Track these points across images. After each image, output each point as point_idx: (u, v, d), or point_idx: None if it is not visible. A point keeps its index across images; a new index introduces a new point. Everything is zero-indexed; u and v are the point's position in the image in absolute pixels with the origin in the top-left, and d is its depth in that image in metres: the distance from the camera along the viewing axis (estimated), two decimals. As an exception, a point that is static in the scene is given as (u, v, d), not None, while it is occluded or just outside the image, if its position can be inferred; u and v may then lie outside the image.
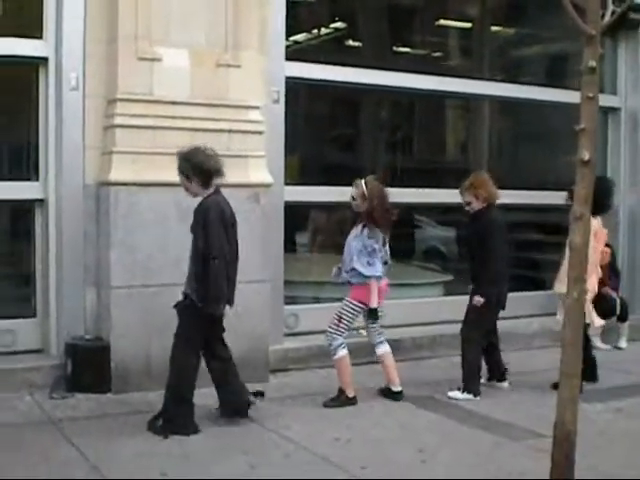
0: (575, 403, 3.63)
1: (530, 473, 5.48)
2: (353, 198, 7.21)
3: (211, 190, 6.33)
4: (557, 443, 3.69)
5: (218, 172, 6.32)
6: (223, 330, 6.54)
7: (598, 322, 7.90)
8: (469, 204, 7.69)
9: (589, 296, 7.59)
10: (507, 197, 8.82)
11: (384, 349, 7.50)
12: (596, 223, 7.72)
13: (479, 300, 7.46)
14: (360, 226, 7.22)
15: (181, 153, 6.35)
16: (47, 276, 7.71)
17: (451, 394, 7.48)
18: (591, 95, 3.55)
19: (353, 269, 7.15)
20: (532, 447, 6.10)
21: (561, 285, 7.80)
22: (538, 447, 6.05)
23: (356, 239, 7.20)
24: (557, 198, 8.24)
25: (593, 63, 3.49)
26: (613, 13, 3.59)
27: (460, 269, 10.03)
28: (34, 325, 7.79)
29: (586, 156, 3.51)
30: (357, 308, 7.21)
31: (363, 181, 7.23)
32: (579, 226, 3.54)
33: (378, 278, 7.21)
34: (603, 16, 3.60)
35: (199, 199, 6.36)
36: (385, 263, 7.36)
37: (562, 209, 8.35)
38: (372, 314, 7.24)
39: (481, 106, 12.58)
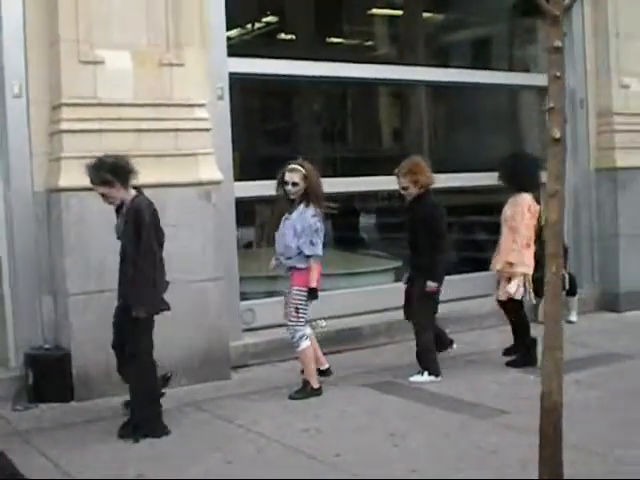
0: (560, 374, 3.73)
1: (503, 450, 5.60)
2: (293, 184, 7.18)
3: (133, 192, 6.25)
4: (545, 416, 3.77)
5: (135, 172, 6.26)
6: None
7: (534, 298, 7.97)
8: (406, 189, 7.69)
9: (524, 271, 7.83)
10: (444, 181, 8.97)
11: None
12: (529, 199, 7.92)
13: (433, 285, 7.53)
14: (301, 206, 7.20)
15: (93, 165, 6.22)
16: (1, 286, 7.60)
17: (413, 379, 7.54)
18: (558, 74, 3.63)
19: (299, 252, 7.15)
20: (499, 424, 6.24)
21: (496, 263, 7.99)
22: (505, 424, 6.22)
23: (299, 220, 7.17)
24: (491, 179, 8.39)
25: (559, 43, 3.57)
26: (574, -7, 3.68)
27: (407, 255, 10.15)
28: (-9, 337, 7.69)
29: (557, 134, 3.60)
30: (308, 294, 7.23)
31: (298, 163, 7.28)
32: (553, 202, 3.63)
33: (320, 258, 7.23)
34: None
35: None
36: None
37: (495, 190, 8.57)
38: (312, 294, 7.23)
39: (414, 92, 12.72)
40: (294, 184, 7.17)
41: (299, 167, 7.21)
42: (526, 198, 7.89)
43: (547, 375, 3.69)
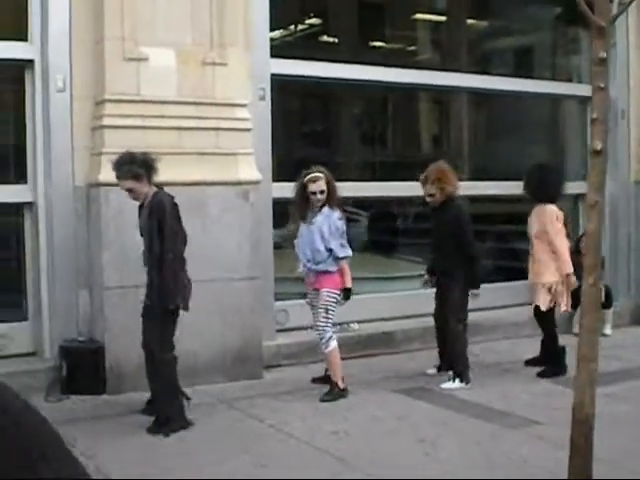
0: (593, 386, 3.71)
1: (533, 460, 5.58)
2: (321, 192, 7.19)
3: (154, 188, 6.34)
4: (576, 427, 3.76)
5: (157, 169, 6.36)
6: None
7: (565, 307, 8.04)
8: (433, 196, 7.72)
9: (550, 280, 7.84)
10: (483, 188, 8.94)
11: None
12: (555, 209, 7.94)
13: (477, 293, 7.59)
14: (325, 210, 7.22)
15: (124, 159, 6.33)
16: (39, 279, 7.69)
17: (444, 386, 7.53)
18: (602, 86, 3.61)
19: (329, 254, 7.18)
20: (531, 434, 6.21)
21: (534, 276, 7.94)
22: (537, 434, 6.19)
23: (325, 223, 7.20)
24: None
25: (603, 54, 3.56)
26: (620, 4, 3.66)
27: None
28: (27, 328, 7.78)
29: (598, 146, 3.58)
30: (337, 296, 7.29)
31: (318, 171, 7.32)
32: (593, 213, 3.62)
33: (349, 259, 7.33)
34: (611, 8, 3.67)
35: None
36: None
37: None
38: (347, 294, 7.36)
39: (455, 98, 12.69)
40: (322, 192, 7.21)
41: (321, 174, 7.25)
42: (552, 208, 7.89)
43: (580, 386, 3.68)
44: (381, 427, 6.46)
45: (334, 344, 7.25)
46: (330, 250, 7.19)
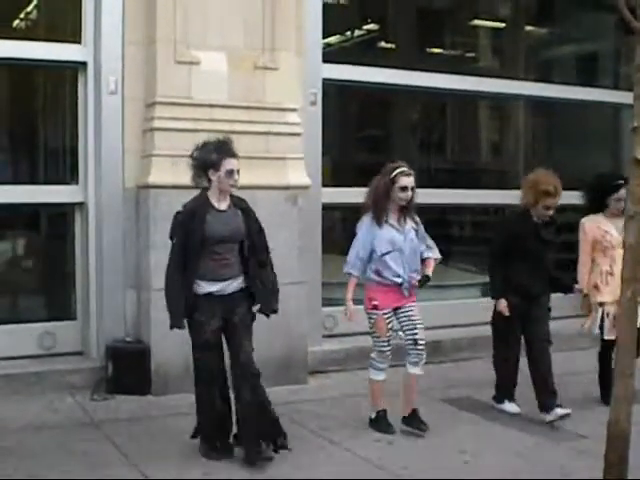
0: (629, 402, 3.62)
1: (576, 473, 5.47)
2: (412, 188, 6.46)
3: None
4: (611, 443, 3.67)
5: None
6: None
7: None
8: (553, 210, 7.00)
9: (597, 300, 7.30)
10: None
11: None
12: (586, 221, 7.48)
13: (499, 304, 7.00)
14: (409, 218, 6.60)
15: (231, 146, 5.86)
16: (87, 279, 7.78)
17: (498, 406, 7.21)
18: (644, 93, 3.53)
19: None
20: (575, 448, 6.09)
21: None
22: (581, 449, 6.07)
23: (414, 232, 6.59)
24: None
25: (646, 61, 3.47)
26: (666, 10, 3.57)
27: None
28: (75, 327, 7.87)
29: (639, 154, 3.50)
30: None
31: (406, 166, 6.54)
32: (632, 225, 3.53)
33: None
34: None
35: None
36: None
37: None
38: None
39: (514, 106, 12.53)
40: (413, 189, 6.47)
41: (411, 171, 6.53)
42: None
43: (616, 403, 3.59)
44: (424, 436, 6.40)
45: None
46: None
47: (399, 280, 6.48)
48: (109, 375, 7.40)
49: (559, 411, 6.73)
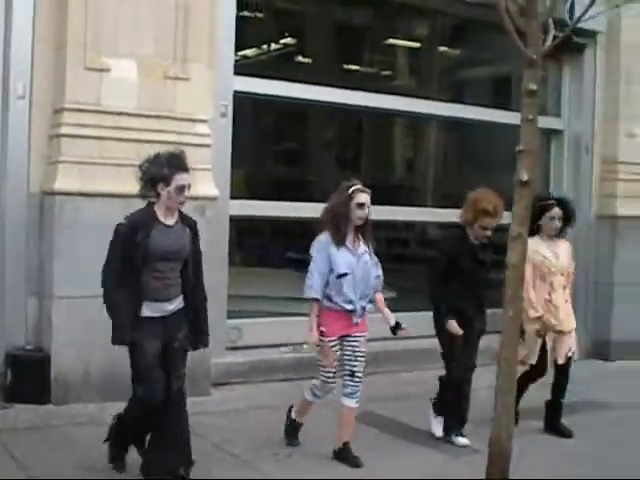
0: (510, 419, 3.70)
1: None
2: (368, 207, 6.15)
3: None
4: (493, 461, 3.75)
5: None
6: None
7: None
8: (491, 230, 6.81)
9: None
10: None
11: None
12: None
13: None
14: (359, 236, 6.24)
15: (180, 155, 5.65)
16: (-12, 285, 7.64)
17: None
18: (531, 117, 3.64)
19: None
20: (468, 462, 6.19)
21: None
22: (472, 463, 6.16)
23: (368, 255, 6.26)
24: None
25: (533, 86, 3.58)
26: (555, 38, 3.68)
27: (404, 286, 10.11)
28: (-25, 334, 7.71)
29: (524, 176, 3.60)
30: None
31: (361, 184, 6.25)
32: (516, 245, 3.63)
33: None
34: (545, 41, 3.69)
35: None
36: None
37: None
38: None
39: (427, 125, 12.73)
40: (368, 207, 6.14)
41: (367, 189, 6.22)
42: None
43: (497, 421, 3.66)
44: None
45: None
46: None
47: (350, 307, 6.11)
48: (7, 383, 7.27)
49: (461, 440, 6.76)
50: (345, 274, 6.06)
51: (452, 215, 7.81)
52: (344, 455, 6.22)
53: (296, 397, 6.73)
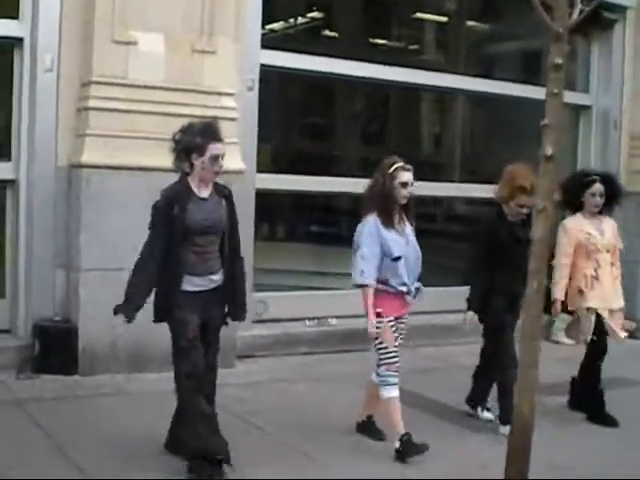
0: (533, 393, 3.72)
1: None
2: (412, 184, 5.91)
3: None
4: (514, 433, 3.78)
5: None
6: None
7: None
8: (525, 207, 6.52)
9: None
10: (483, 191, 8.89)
11: None
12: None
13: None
14: (406, 219, 6.02)
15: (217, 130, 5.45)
16: (17, 257, 7.72)
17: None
18: (556, 91, 3.62)
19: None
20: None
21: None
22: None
23: (413, 236, 6.04)
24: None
25: (559, 60, 3.56)
26: (581, 12, 3.67)
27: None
28: (2, 305, 7.80)
29: (549, 151, 3.59)
30: None
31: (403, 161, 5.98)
32: (541, 219, 3.63)
33: None
34: (571, 15, 3.67)
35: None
36: None
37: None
38: None
39: (454, 100, 12.68)
40: (412, 184, 5.92)
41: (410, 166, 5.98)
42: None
43: (520, 394, 3.69)
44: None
45: None
46: None
47: (404, 289, 5.88)
48: (36, 354, 7.36)
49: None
50: (399, 257, 5.81)
51: (478, 190, 7.79)
52: (368, 427, 6.23)
53: (318, 370, 6.69)
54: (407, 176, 5.81)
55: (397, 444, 5.75)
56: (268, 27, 9.45)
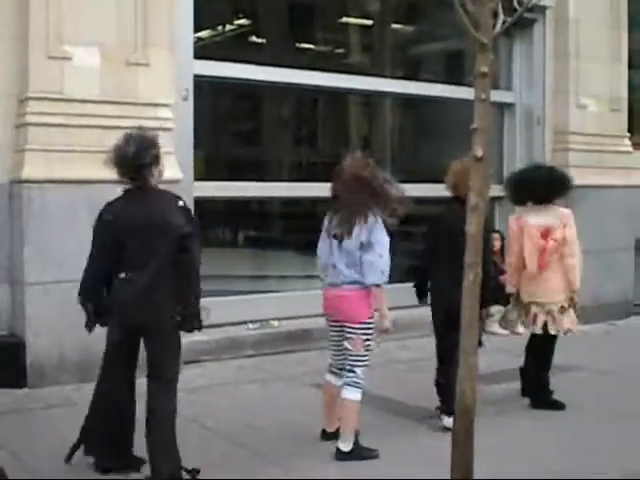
0: (473, 380, 3.93)
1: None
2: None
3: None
4: (457, 418, 3.99)
5: None
6: None
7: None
8: None
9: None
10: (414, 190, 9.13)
11: None
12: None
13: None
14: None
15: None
16: (-41, 273, 7.75)
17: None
18: (484, 97, 3.88)
19: None
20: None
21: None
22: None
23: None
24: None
25: (485, 69, 3.82)
26: (504, 22, 3.92)
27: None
28: (-53, 322, 7.81)
29: (479, 153, 3.84)
30: None
31: None
32: (474, 215, 3.87)
33: None
34: (495, 26, 3.93)
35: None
36: None
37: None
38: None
39: (383, 102, 12.91)
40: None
41: None
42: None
43: (461, 380, 3.90)
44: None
45: None
46: None
47: None
48: (-18, 368, 7.41)
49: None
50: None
51: (409, 189, 7.98)
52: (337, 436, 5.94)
53: (264, 371, 6.83)
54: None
55: (349, 445, 5.69)
56: (199, 37, 9.59)
